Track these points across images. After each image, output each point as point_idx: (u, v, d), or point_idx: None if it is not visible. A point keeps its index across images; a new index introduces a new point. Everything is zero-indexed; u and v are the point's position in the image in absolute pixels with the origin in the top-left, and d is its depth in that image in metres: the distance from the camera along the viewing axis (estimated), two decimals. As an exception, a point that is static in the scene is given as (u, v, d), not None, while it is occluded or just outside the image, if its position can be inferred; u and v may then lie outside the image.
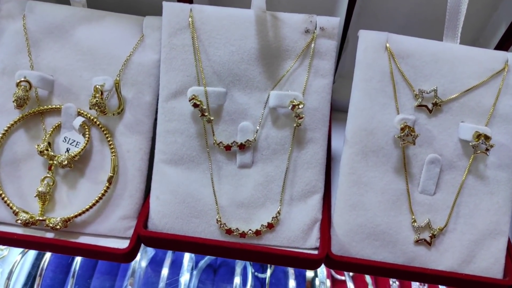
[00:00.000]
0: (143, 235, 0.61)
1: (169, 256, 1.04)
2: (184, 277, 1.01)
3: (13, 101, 0.62)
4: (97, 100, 0.62)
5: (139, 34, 0.68)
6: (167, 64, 0.64)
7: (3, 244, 0.63)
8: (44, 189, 0.64)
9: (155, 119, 0.67)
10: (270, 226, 0.63)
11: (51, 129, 0.66)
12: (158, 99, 0.66)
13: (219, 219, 0.62)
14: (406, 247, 0.63)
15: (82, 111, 0.66)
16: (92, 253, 0.61)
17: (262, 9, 0.63)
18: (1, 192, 0.64)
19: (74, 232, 0.65)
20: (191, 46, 0.63)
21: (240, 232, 0.62)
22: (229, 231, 0.62)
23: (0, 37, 0.67)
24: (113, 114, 0.65)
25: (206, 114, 0.61)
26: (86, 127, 0.66)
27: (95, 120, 0.66)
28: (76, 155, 0.64)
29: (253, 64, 0.63)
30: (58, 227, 0.62)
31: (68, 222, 0.63)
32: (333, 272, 1.10)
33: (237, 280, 1.01)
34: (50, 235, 0.65)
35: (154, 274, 1.07)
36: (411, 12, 0.74)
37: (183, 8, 0.63)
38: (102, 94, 0.63)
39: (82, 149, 0.64)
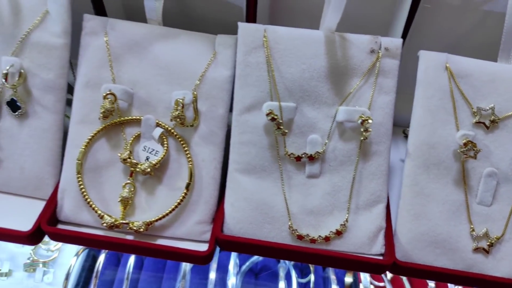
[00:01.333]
0: (222, 239, 0.66)
1: (214, 260, 1.09)
2: (231, 281, 1.06)
3: (101, 113, 0.67)
4: (178, 113, 0.67)
5: (212, 51, 0.73)
6: (242, 80, 0.69)
7: (89, 246, 0.68)
8: (127, 195, 0.68)
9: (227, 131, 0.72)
10: (339, 233, 0.67)
11: (131, 139, 0.71)
12: (229, 113, 0.72)
13: (291, 225, 0.67)
14: (465, 255, 0.67)
15: (160, 122, 0.71)
16: (174, 255, 0.66)
17: (331, 30, 0.68)
18: (87, 197, 0.68)
19: (152, 235, 0.69)
20: (265, 64, 0.68)
21: (310, 238, 0.67)
22: (300, 237, 0.67)
23: (84, 52, 0.72)
24: (190, 126, 0.70)
25: (281, 127, 0.65)
26: (164, 137, 0.70)
27: (172, 131, 0.70)
28: (157, 163, 0.69)
29: (322, 81, 0.68)
30: (141, 230, 0.67)
31: (150, 226, 0.68)
32: (371, 279, 1.14)
33: (282, 284, 1.06)
34: (129, 237, 0.70)
35: (200, 277, 1.11)
36: (464, 34, 0.79)
37: (257, 28, 0.68)
38: (183, 107, 0.68)
39: (162, 158, 0.69)
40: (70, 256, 1.18)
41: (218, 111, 0.72)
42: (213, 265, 1.08)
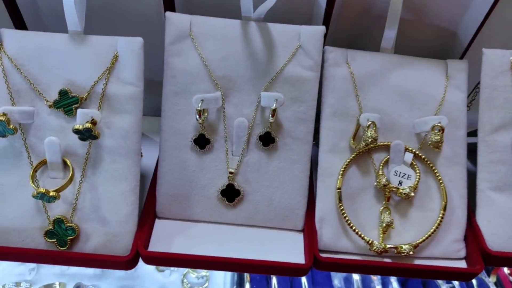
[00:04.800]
0: (491, 254, 0.69)
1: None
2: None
3: (367, 142, 0.69)
4: (439, 137, 0.70)
5: (444, 76, 0.76)
6: (489, 103, 0.73)
7: (358, 272, 0.70)
8: (389, 220, 0.70)
9: (465, 151, 0.75)
10: None
11: (381, 165, 0.73)
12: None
13: (549, 238, 0.71)
14: None
15: (407, 147, 0.73)
16: (443, 274, 0.69)
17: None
18: (352, 225, 0.70)
19: (411, 257, 0.72)
20: (511, 87, 0.72)
21: None
22: (558, 248, 0.71)
23: (330, 83, 0.74)
24: (437, 148, 0.73)
25: (538, 146, 0.70)
26: (412, 161, 0.73)
27: (419, 154, 0.73)
28: (415, 186, 0.71)
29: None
30: (411, 253, 0.69)
31: (416, 248, 0.70)
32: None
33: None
34: (387, 260, 0.72)
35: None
36: None
37: (504, 54, 0.72)
38: (442, 132, 0.71)
39: (418, 180, 0.72)
40: (217, 282, 1.18)
41: (459, 132, 0.75)
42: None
